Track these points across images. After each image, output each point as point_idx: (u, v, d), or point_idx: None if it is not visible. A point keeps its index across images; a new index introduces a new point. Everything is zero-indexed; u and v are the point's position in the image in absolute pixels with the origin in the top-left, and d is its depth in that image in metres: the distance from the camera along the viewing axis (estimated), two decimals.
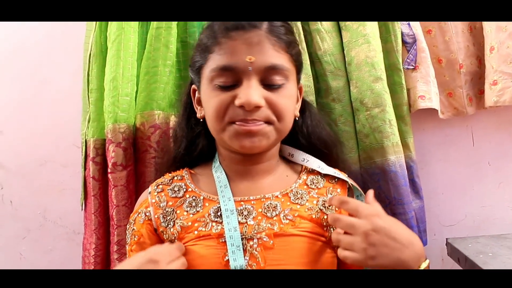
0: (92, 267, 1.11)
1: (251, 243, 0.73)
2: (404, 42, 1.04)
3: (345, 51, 1.06)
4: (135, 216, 0.84)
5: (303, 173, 0.84)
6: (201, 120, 0.85)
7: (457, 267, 1.05)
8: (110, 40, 1.05)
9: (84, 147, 1.12)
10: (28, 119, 1.28)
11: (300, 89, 0.86)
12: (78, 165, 1.21)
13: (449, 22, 1.04)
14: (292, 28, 0.83)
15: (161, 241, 0.82)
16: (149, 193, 0.85)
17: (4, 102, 1.29)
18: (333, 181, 0.83)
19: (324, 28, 1.06)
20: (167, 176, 0.87)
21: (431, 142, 1.13)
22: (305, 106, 0.89)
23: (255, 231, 0.73)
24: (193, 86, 0.87)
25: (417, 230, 1.01)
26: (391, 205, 1.00)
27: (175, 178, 0.86)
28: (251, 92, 0.73)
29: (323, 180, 0.83)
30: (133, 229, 0.83)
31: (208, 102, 0.78)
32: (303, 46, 1.07)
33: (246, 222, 0.74)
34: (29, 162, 1.29)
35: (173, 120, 1.06)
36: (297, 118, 0.85)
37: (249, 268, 0.72)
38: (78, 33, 1.17)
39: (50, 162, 1.28)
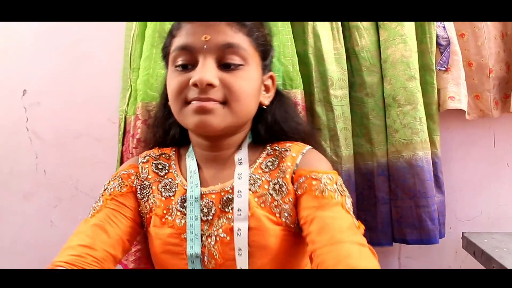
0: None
1: (209, 240, 0.74)
2: (438, 44, 1.09)
3: (381, 49, 1.11)
4: (125, 172, 0.84)
5: (261, 156, 0.82)
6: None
7: (470, 259, 1.11)
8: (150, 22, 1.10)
9: (123, 123, 1.17)
10: (65, 92, 1.33)
11: (271, 78, 0.85)
12: (112, 140, 1.26)
13: (482, 27, 1.09)
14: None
15: (135, 214, 0.82)
16: (138, 163, 0.86)
17: (42, 74, 1.34)
18: (284, 157, 0.80)
19: (363, 25, 1.11)
20: (156, 151, 0.88)
21: (454, 140, 1.19)
22: (276, 96, 0.87)
23: (215, 228, 0.74)
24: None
25: (438, 222, 1.08)
26: (416, 197, 1.06)
27: (163, 155, 0.87)
28: (204, 70, 0.72)
29: (277, 160, 0.80)
30: (122, 182, 0.82)
31: (169, 84, 0.79)
32: (340, 41, 1.13)
33: (207, 220, 0.75)
34: (64, 134, 1.34)
35: None
36: (264, 107, 0.83)
37: (207, 263, 0.73)
38: None
39: (85, 136, 1.33)
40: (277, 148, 0.82)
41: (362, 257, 0.64)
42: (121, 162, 1.16)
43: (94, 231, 0.75)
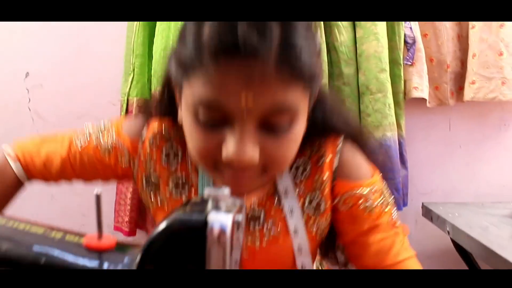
0: (128, 208, 1.30)
1: None
2: (405, 42, 1.27)
3: (357, 45, 1.28)
4: (119, 146, 0.69)
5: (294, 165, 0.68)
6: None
7: (427, 227, 1.31)
8: None
9: (125, 105, 1.29)
10: (67, 75, 1.41)
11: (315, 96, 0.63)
12: None
13: (442, 29, 1.28)
14: (315, 32, 0.58)
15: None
16: (143, 140, 0.70)
17: (46, 58, 1.41)
18: (319, 164, 0.67)
19: (342, 24, 1.28)
20: (168, 125, 0.70)
21: (417, 125, 1.37)
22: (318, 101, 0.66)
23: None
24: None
25: (402, 193, 1.27)
26: (384, 171, 1.24)
27: (178, 136, 0.69)
28: (243, 145, 0.52)
29: (309, 164, 0.68)
30: (109, 150, 0.69)
31: (189, 132, 0.59)
32: (322, 37, 1.29)
33: None
34: (66, 115, 1.42)
35: None
36: None
37: None
38: None
39: (86, 116, 1.42)
40: (306, 149, 0.68)
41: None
42: None
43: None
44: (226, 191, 0.36)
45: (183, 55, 0.54)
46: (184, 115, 0.58)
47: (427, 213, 1.27)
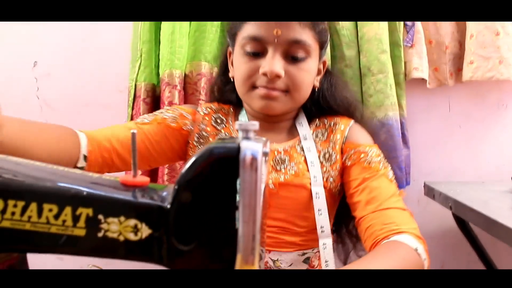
0: None
1: None
2: (405, 25, 1.31)
3: (358, 27, 1.31)
4: (184, 113, 0.93)
5: (311, 128, 0.93)
6: (232, 79, 0.94)
7: (430, 205, 1.35)
8: None
9: (133, 90, 1.32)
10: (75, 64, 1.43)
11: (323, 63, 0.94)
12: (119, 107, 1.40)
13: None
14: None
15: (179, 148, 0.92)
16: (198, 111, 0.95)
17: (53, 47, 1.43)
18: (334, 129, 0.92)
19: None
20: (217, 105, 0.98)
21: (417, 106, 1.40)
22: (325, 74, 0.97)
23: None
24: (229, 48, 0.95)
25: (404, 172, 1.30)
26: (387, 150, 1.28)
27: (222, 110, 0.96)
28: (274, 62, 0.81)
29: (326, 132, 0.92)
30: (175, 117, 0.92)
31: (237, 66, 0.87)
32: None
33: None
34: (73, 103, 1.44)
35: (216, 71, 1.28)
36: (316, 89, 0.93)
37: None
38: None
39: (94, 104, 1.44)
40: (326, 121, 0.93)
41: (404, 220, 0.78)
42: None
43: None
44: (255, 124, 0.39)
45: None
46: (236, 58, 0.88)
47: (430, 191, 1.30)
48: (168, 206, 0.40)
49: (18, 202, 0.40)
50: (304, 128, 0.92)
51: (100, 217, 0.40)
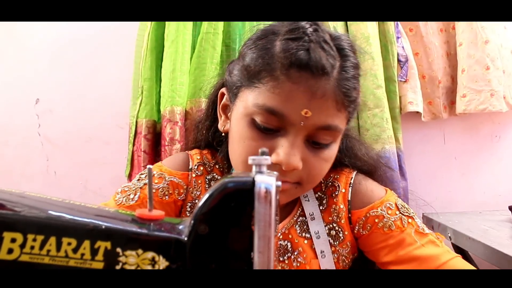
0: None
1: None
2: (398, 61, 1.35)
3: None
4: (174, 180, 0.75)
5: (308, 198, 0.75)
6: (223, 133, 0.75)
7: None
8: (168, 40, 1.29)
9: (134, 127, 1.34)
10: (76, 101, 1.47)
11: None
12: (119, 143, 1.42)
13: (432, 48, 1.37)
14: (360, 70, 0.68)
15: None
16: (190, 169, 0.77)
17: (55, 84, 1.46)
18: (334, 196, 0.74)
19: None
20: (210, 158, 0.79)
21: (413, 139, 1.44)
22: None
23: None
24: (223, 89, 0.75)
25: None
26: (385, 183, 1.30)
27: (217, 166, 0.79)
28: (293, 152, 0.61)
29: (325, 197, 0.75)
30: (167, 188, 0.74)
31: (239, 137, 0.66)
32: None
33: None
34: (74, 139, 1.46)
35: None
36: None
37: None
38: (129, 29, 1.38)
39: (94, 139, 1.47)
40: (322, 181, 0.75)
41: (464, 266, 0.65)
42: (132, 160, 1.33)
43: None
44: (268, 158, 0.41)
45: (252, 63, 0.63)
46: (236, 120, 0.66)
47: (428, 223, 1.31)
48: (185, 239, 0.41)
49: (38, 237, 0.41)
50: (310, 203, 0.74)
51: (118, 250, 0.41)
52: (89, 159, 1.47)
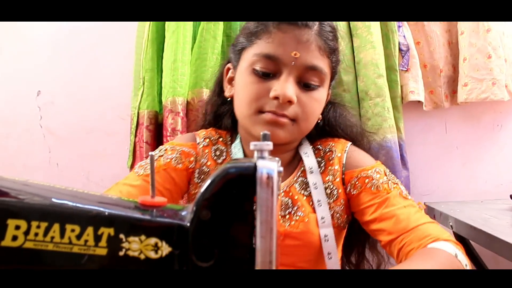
0: None
1: None
2: (400, 50, 1.35)
3: (355, 53, 1.35)
4: (185, 149, 0.86)
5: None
6: (228, 99, 0.88)
7: None
8: (169, 31, 1.29)
9: (136, 118, 1.34)
10: (78, 92, 1.46)
11: (328, 94, 0.89)
12: (122, 134, 1.43)
13: (433, 36, 1.36)
14: (338, 35, 0.86)
15: (184, 187, 0.85)
16: (198, 143, 0.88)
17: (57, 76, 1.46)
18: (331, 158, 0.86)
19: (340, 34, 1.35)
20: (214, 132, 0.91)
21: (414, 128, 1.43)
22: (329, 103, 0.93)
23: None
24: (228, 65, 0.89)
25: None
26: None
27: (221, 139, 0.90)
28: (288, 86, 0.74)
29: (323, 160, 0.86)
30: (179, 157, 0.84)
31: (242, 86, 0.80)
32: None
33: None
34: (76, 130, 1.46)
35: None
36: (319, 121, 0.88)
37: None
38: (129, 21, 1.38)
39: (96, 131, 1.46)
40: (320, 148, 0.87)
41: (437, 230, 0.73)
42: (134, 151, 1.33)
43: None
44: (270, 144, 0.42)
45: (252, 27, 0.80)
46: (240, 75, 0.81)
47: (430, 211, 1.32)
48: (188, 224, 0.41)
49: (42, 223, 0.42)
50: (310, 159, 0.85)
51: (121, 236, 0.42)
52: (91, 151, 1.47)
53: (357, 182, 0.82)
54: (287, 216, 0.81)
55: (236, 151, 0.87)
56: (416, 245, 0.71)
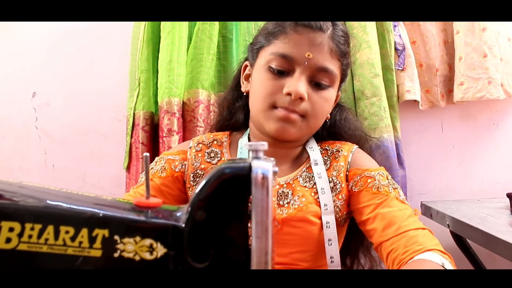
0: None
1: None
2: (395, 49, 1.35)
3: (351, 53, 1.35)
4: (170, 157, 0.91)
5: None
6: (244, 94, 0.94)
7: (428, 223, 1.35)
8: (164, 31, 1.28)
9: (131, 119, 1.34)
10: (73, 94, 1.45)
11: (337, 96, 0.95)
12: (118, 135, 1.42)
13: (429, 36, 1.37)
14: (350, 40, 0.93)
15: (183, 193, 0.90)
16: (190, 147, 0.93)
17: (52, 77, 1.45)
18: (337, 156, 0.91)
19: None
20: (209, 137, 0.96)
21: (411, 128, 1.43)
22: (336, 106, 0.99)
23: None
24: (246, 62, 0.95)
25: None
26: None
27: (215, 142, 0.94)
28: (300, 84, 0.80)
29: (329, 159, 0.91)
30: (164, 166, 0.90)
31: (258, 82, 0.86)
32: None
33: None
34: (72, 132, 1.45)
35: (213, 97, 1.30)
36: (327, 120, 0.94)
37: None
38: (125, 22, 1.37)
39: (92, 132, 1.45)
40: (328, 148, 0.92)
41: (426, 238, 0.75)
42: (130, 152, 1.33)
43: None
44: (264, 144, 0.41)
45: (270, 27, 0.87)
46: (257, 72, 0.87)
47: (427, 211, 1.32)
48: (183, 225, 0.41)
49: (36, 225, 0.41)
50: (315, 153, 0.91)
51: (116, 237, 0.41)
52: (87, 152, 1.47)
53: (359, 181, 0.86)
54: (286, 205, 0.84)
55: (242, 145, 0.91)
56: (401, 251, 0.74)
